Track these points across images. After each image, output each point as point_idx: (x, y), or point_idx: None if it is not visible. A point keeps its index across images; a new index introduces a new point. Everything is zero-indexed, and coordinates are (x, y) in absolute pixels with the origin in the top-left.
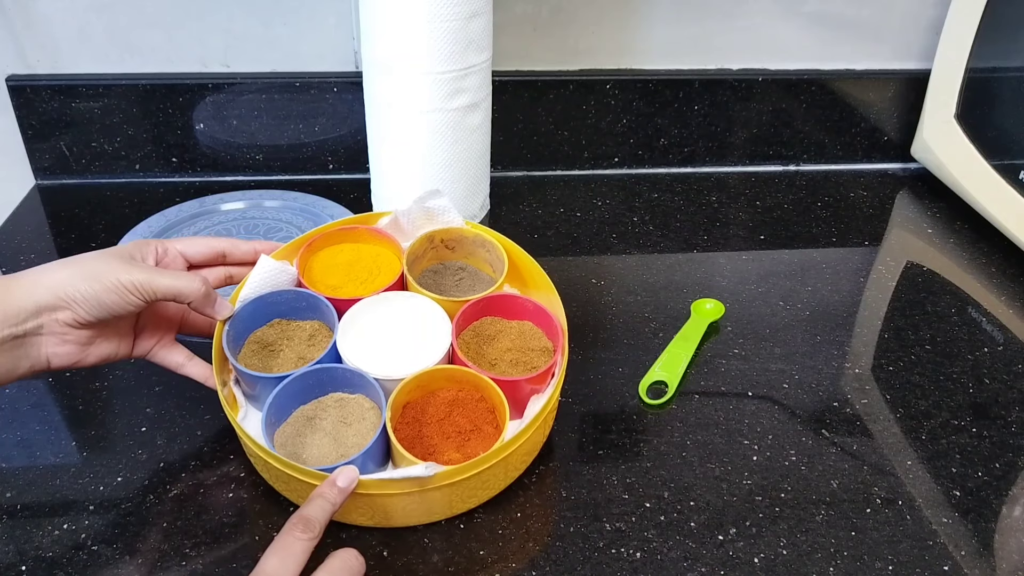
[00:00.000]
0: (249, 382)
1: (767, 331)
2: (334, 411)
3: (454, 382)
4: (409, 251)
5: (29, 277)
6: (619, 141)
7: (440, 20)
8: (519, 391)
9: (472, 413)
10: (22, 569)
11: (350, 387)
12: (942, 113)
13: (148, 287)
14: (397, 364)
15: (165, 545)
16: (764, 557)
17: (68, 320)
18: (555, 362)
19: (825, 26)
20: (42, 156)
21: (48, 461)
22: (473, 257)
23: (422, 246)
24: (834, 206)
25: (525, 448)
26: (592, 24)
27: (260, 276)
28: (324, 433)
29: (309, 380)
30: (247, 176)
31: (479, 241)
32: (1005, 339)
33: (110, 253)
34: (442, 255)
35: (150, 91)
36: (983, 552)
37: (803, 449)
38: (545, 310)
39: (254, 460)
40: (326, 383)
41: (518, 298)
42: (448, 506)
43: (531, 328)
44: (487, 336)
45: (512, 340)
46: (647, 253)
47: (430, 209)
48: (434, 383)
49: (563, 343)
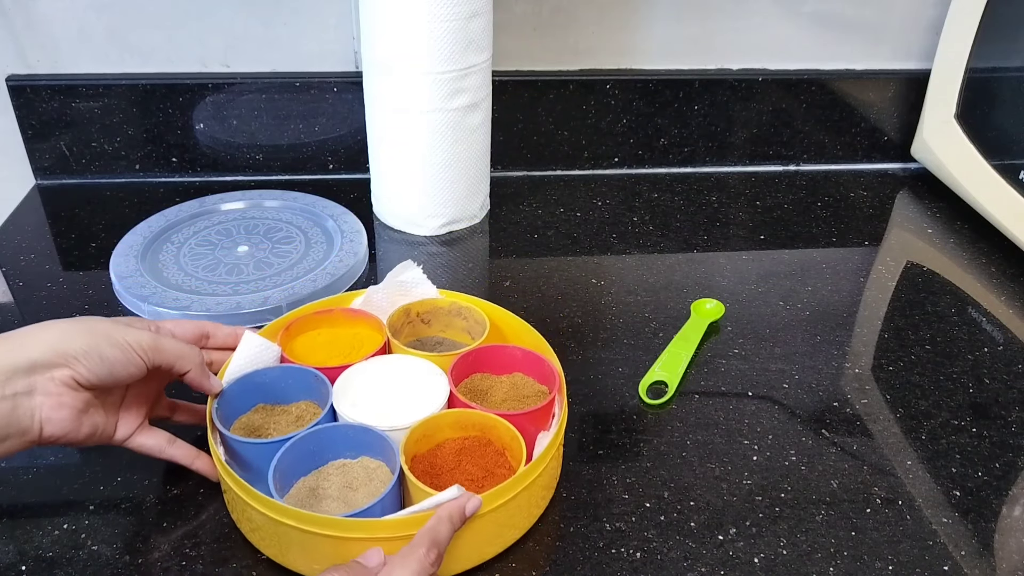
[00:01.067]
0: (244, 454)
1: (767, 331)
2: (337, 478)
3: (459, 428)
4: (388, 323)
5: (22, 333)
6: (619, 141)
7: (440, 20)
8: (524, 432)
9: (481, 459)
10: (22, 569)
11: (351, 450)
12: (942, 113)
13: (153, 349)
14: (400, 415)
15: (165, 545)
16: (764, 557)
17: (66, 379)
18: (554, 397)
19: (825, 26)
20: (42, 156)
21: (48, 461)
22: (450, 329)
23: (400, 319)
24: (834, 206)
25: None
26: (592, 24)
27: (245, 353)
28: (331, 499)
29: (309, 445)
30: (247, 176)
31: (455, 310)
32: (1005, 339)
33: (111, 320)
34: (419, 331)
35: (150, 91)
36: (983, 552)
37: (803, 449)
38: (535, 354)
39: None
40: (326, 448)
41: (507, 347)
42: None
43: (522, 379)
44: (480, 390)
45: (506, 391)
46: (647, 253)
47: (403, 283)
48: (440, 432)
49: (560, 383)
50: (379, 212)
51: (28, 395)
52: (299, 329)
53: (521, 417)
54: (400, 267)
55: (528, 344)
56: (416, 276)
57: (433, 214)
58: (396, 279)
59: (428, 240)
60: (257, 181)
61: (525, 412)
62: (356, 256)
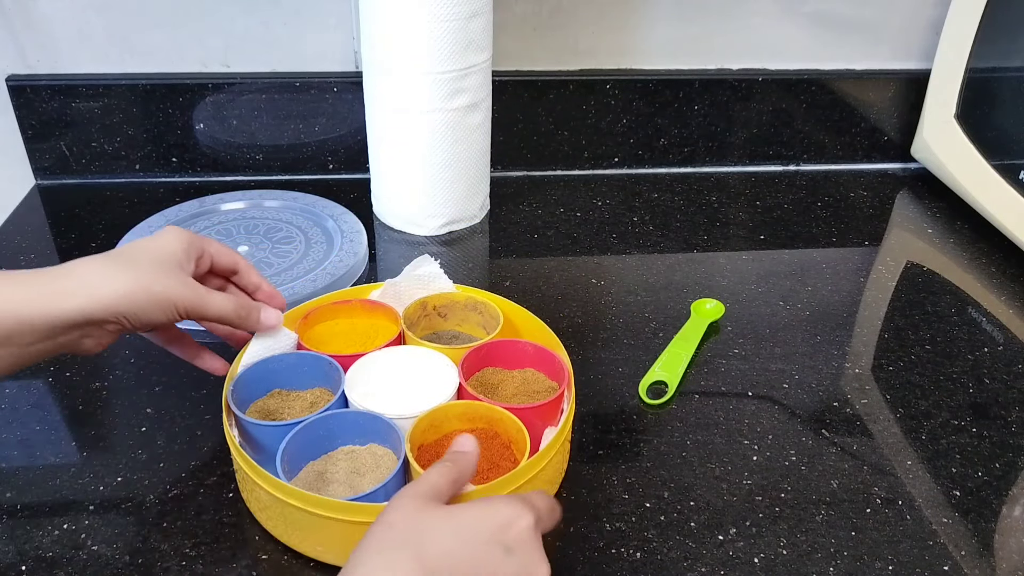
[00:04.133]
0: (257, 436)
1: (767, 331)
2: (345, 463)
3: (467, 420)
4: (404, 315)
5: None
6: (619, 141)
7: (440, 20)
8: (531, 426)
9: (488, 451)
10: (22, 569)
11: (360, 437)
12: (942, 113)
13: (197, 311)
14: (408, 404)
15: (165, 545)
16: (764, 557)
17: (113, 330)
18: (563, 392)
19: (825, 26)
20: (42, 156)
21: (48, 461)
22: (466, 323)
23: (416, 312)
24: (834, 206)
25: (548, 475)
26: (592, 24)
27: (263, 339)
28: (338, 483)
29: (319, 430)
30: (247, 176)
31: (471, 304)
32: (1005, 339)
33: (165, 258)
34: (435, 324)
35: (150, 91)
36: (983, 552)
37: (803, 449)
38: (546, 350)
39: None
40: (336, 434)
41: (518, 343)
42: None
43: (533, 374)
44: (491, 384)
45: (516, 386)
46: (647, 253)
47: (421, 277)
48: (447, 423)
49: (569, 379)
50: (379, 212)
51: (77, 340)
52: (317, 318)
53: (528, 411)
54: (418, 261)
55: (540, 340)
56: (433, 271)
57: (433, 214)
58: (414, 272)
59: (428, 240)
60: (257, 181)
61: (532, 407)
62: (356, 256)
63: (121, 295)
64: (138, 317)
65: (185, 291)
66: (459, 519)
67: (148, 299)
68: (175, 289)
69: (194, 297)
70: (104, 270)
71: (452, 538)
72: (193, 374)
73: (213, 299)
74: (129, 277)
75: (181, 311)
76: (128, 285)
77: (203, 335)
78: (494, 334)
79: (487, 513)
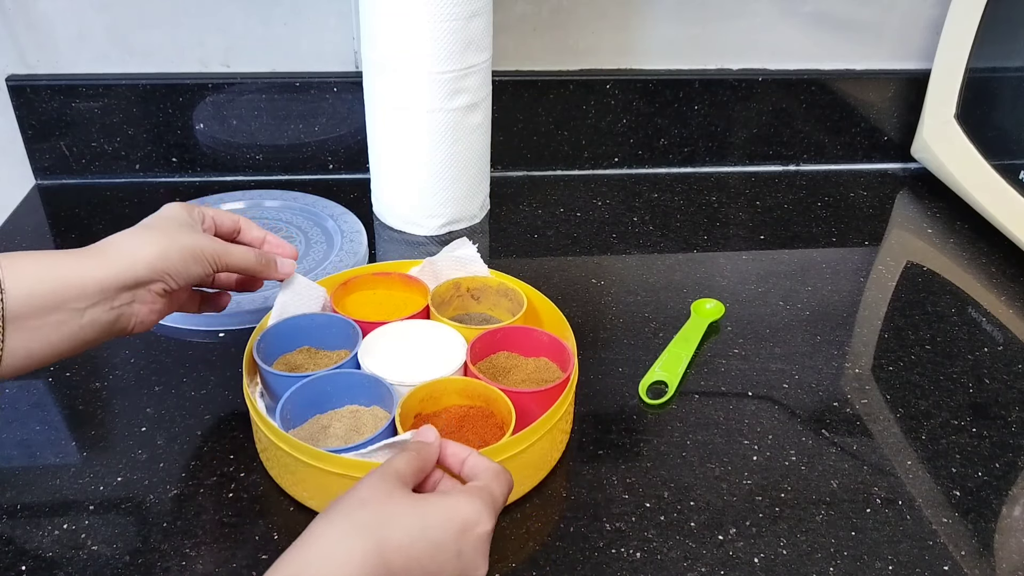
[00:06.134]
0: (273, 386)
1: (767, 331)
2: (347, 421)
3: (465, 396)
4: (435, 293)
5: (124, 251)
6: (619, 141)
7: (440, 20)
8: (530, 413)
9: (482, 429)
10: (22, 569)
11: (365, 398)
12: (942, 113)
13: (223, 260)
14: (411, 373)
15: (165, 545)
16: (764, 557)
17: (159, 290)
18: (564, 383)
19: (825, 26)
20: (42, 156)
21: (48, 461)
22: (497, 308)
23: (448, 291)
24: (834, 206)
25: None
26: (592, 24)
27: (291, 291)
28: (336, 438)
29: (326, 386)
30: (247, 176)
31: (502, 291)
32: (1005, 339)
33: (179, 222)
34: (467, 305)
35: (150, 91)
36: (983, 552)
37: (803, 449)
38: (559, 341)
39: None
40: (342, 392)
41: (534, 331)
42: None
43: (547, 364)
44: (502, 368)
45: (528, 373)
46: (647, 253)
47: (459, 258)
48: (446, 397)
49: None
50: (379, 212)
51: (129, 305)
52: (356, 286)
53: (524, 396)
54: (457, 243)
55: (557, 333)
56: (470, 253)
57: (433, 214)
58: (452, 253)
59: (428, 240)
60: (257, 181)
61: (529, 392)
62: (356, 256)
63: (159, 254)
64: (179, 272)
65: (210, 242)
66: (428, 516)
67: (181, 254)
68: (200, 241)
69: (219, 247)
70: (135, 238)
71: (418, 532)
72: (193, 374)
73: (235, 248)
74: (159, 239)
75: (211, 261)
76: (161, 244)
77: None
78: (513, 320)
79: (452, 514)
